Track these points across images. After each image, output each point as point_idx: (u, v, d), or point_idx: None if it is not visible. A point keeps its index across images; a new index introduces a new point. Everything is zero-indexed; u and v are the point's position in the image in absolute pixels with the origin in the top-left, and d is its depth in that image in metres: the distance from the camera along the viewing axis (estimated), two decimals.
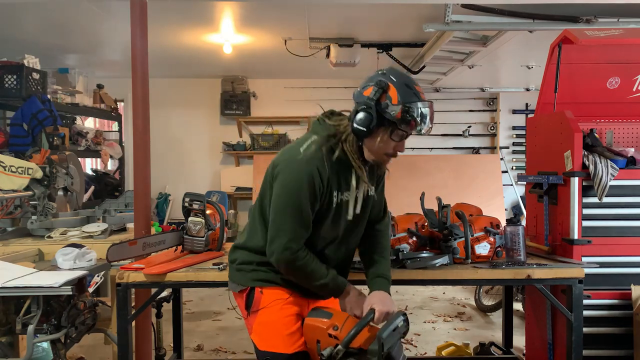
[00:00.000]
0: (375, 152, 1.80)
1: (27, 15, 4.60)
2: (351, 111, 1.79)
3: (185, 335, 3.57)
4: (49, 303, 2.37)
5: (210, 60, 6.48)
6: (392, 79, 1.73)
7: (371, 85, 1.75)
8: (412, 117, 1.71)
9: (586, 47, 2.94)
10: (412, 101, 1.71)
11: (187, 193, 2.67)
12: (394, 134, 1.76)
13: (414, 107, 1.71)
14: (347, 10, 4.49)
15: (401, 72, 1.79)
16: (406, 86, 1.73)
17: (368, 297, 1.83)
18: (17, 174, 3.21)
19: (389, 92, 1.72)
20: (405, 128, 1.73)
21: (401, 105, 1.70)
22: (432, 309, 5.12)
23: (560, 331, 2.74)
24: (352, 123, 1.75)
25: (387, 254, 2.00)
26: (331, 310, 1.79)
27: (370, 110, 1.72)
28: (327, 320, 1.74)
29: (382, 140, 1.77)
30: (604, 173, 2.62)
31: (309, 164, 1.74)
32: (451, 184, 6.79)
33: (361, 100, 1.75)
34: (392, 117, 1.71)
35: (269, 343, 1.85)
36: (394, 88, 1.72)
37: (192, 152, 7.99)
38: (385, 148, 1.79)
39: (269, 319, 1.86)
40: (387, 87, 1.72)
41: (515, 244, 2.51)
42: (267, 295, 1.87)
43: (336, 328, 1.71)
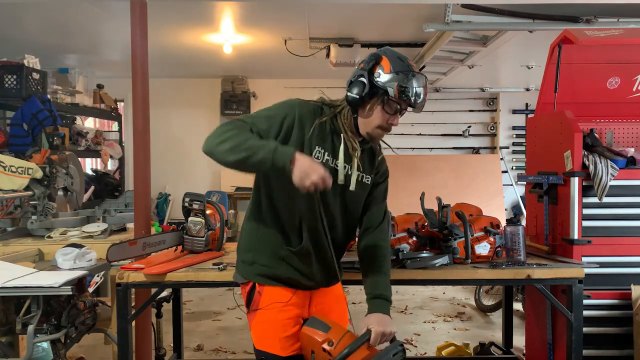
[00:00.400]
0: (368, 123, 1.79)
1: (27, 15, 4.60)
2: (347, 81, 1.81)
3: (185, 335, 3.57)
4: (49, 303, 2.37)
5: (210, 60, 6.48)
6: (386, 52, 1.77)
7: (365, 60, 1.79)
8: (404, 87, 1.71)
9: (586, 47, 2.94)
10: (403, 70, 1.72)
11: (187, 193, 2.67)
12: (387, 105, 1.75)
13: (406, 76, 1.71)
14: (347, 10, 4.50)
15: (395, 50, 1.81)
16: (399, 59, 1.75)
17: (366, 318, 1.77)
18: (17, 174, 3.21)
19: (382, 62, 1.74)
20: (398, 98, 1.73)
21: (393, 74, 1.72)
22: (432, 309, 5.12)
23: (560, 331, 2.74)
24: (347, 94, 1.77)
25: (387, 268, 1.91)
26: (330, 323, 1.76)
27: (363, 78, 1.74)
28: (324, 334, 1.72)
29: (375, 111, 1.77)
30: (604, 173, 2.62)
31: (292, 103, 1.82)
32: (451, 184, 6.80)
33: (355, 73, 1.78)
34: (384, 85, 1.72)
35: (265, 343, 1.84)
36: (387, 59, 1.75)
37: (192, 152, 7.98)
38: (378, 119, 1.78)
39: (267, 319, 1.85)
40: (380, 58, 1.76)
41: (515, 244, 2.51)
42: (267, 296, 1.86)
43: (331, 344, 1.68)
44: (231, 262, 2.40)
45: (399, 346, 1.68)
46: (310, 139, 1.77)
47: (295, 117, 1.78)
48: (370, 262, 1.91)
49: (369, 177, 1.89)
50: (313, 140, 1.78)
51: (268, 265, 1.86)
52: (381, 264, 1.91)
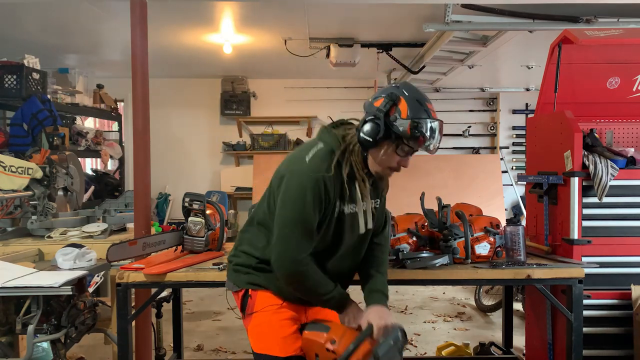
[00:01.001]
0: (378, 164, 1.78)
1: (27, 15, 4.60)
2: (360, 120, 1.77)
3: (185, 335, 3.57)
4: (49, 303, 2.37)
5: (210, 60, 6.48)
6: (404, 93, 1.71)
7: (383, 97, 1.73)
8: (420, 134, 1.68)
9: (586, 47, 2.94)
10: (421, 117, 1.69)
11: (187, 193, 2.67)
12: (400, 149, 1.73)
13: (423, 124, 1.68)
14: (347, 10, 4.49)
15: (415, 88, 1.76)
16: (417, 102, 1.71)
17: (365, 312, 1.80)
18: (17, 174, 3.21)
19: (399, 106, 1.70)
20: (412, 144, 1.71)
21: (410, 120, 1.68)
22: (432, 309, 5.12)
23: (560, 331, 2.74)
24: (359, 132, 1.73)
25: (385, 269, 1.96)
26: (328, 324, 1.78)
27: (379, 121, 1.70)
28: (325, 334, 1.73)
29: (387, 153, 1.75)
30: (604, 173, 2.62)
31: (314, 174, 1.72)
32: (451, 184, 6.79)
33: (371, 111, 1.73)
34: (400, 131, 1.69)
35: (264, 345, 1.84)
36: (405, 102, 1.70)
37: (192, 152, 7.99)
38: (389, 161, 1.77)
39: (264, 321, 1.85)
40: (398, 100, 1.70)
41: (515, 244, 2.51)
42: (260, 299, 1.86)
43: (334, 342, 1.70)
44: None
45: (399, 329, 1.69)
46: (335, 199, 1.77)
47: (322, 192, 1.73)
48: (368, 263, 1.95)
49: (377, 200, 1.93)
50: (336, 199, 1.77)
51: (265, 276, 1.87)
52: (379, 265, 1.95)
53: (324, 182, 1.72)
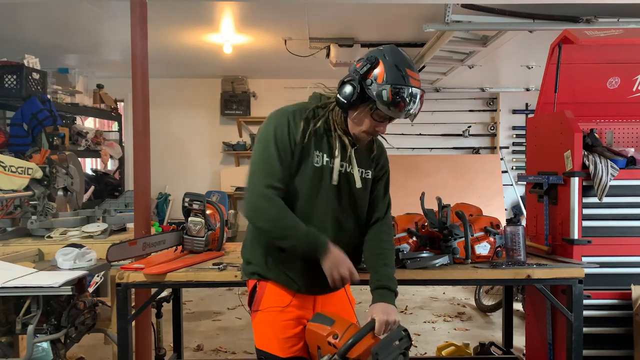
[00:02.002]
0: (355, 126, 1.77)
1: (27, 15, 4.60)
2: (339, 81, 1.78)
3: (185, 335, 3.57)
4: (49, 303, 2.37)
5: (210, 60, 6.48)
6: (385, 57, 1.68)
7: (364, 59, 1.72)
8: (395, 101, 1.65)
9: (586, 47, 2.94)
10: (397, 84, 1.65)
11: (187, 193, 2.66)
12: (375, 113, 1.71)
13: (398, 91, 1.65)
14: (347, 10, 4.50)
15: (398, 52, 1.72)
16: (396, 67, 1.67)
17: (370, 308, 1.76)
18: (17, 174, 3.21)
19: (377, 69, 1.67)
20: (385, 110, 1.68)
21: (385, 84, 1.65)
22: (432, 309, 5.12)
23: (560, 331, 2.74)
24: (338, 94, 1.74)
25: (391, 261, 1.89)
26: (334, 317, 1.75)
27: (354, 83, 1.69)
28: (328, 328, 1.71)
29: (362, 116, 1.74)
30: (604, 173, 2.62)
31: (282, 115, 1.78)
32: (451, 184, 6.80)
33: (350, 72, 1.73)
34: (374, 95, 1.67)
35: (265, 343, 1.84)
36: (383, 66, 1.67)
37: (192, 152, 7.99)
38: (365, 125, 1.75)
39: (268, 319, 1.85)
40: (376, 63, 1.68)
41: (515, 244, 2.51)
42: (267, 297, 1.85)
43: (336, 336, 1.68)
44: (231, 262, 2.40)
45: (403, 332, 1.68)
46: (307, 145, 1.77)
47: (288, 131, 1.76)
48: (374, 255, 1.89)
49: (369, 172, 1.89)
50: (311, 145, 1.78)
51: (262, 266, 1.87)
52: (385, 256, 1.89)
53: (288, 120, 1.76)
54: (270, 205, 1.73)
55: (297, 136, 1.76)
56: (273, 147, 1.74)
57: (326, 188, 1.80)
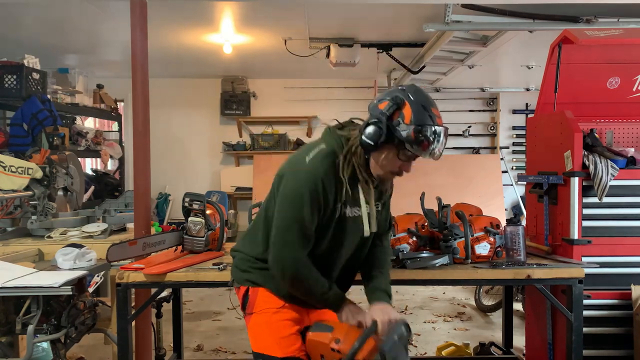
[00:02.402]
0: (380, 167, 1.75)
1: (27, 15, 4.60)
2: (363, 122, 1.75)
3: (185, 335, 3.57)
4: (49, 303, 2.37)
5: (210, 60, 6.48)
6: (410, 97, 1.68)
7: (387, 100, 1.69)
8: (423, 140, 1.65)
9: (586, 47, 2.94)
10: (425, 124, 1.65)
11: (187, 193, 2.67)
12: (402, 154, 1.71)
13: (426, 131, 1.65)
14: (347, 10, 4.49)
15: (421, 92, 1.72)
16: (422, 107, 1.67)
17: (369, 310, 1.79)
18: (17, 174, 3.21)
19: (403, 110, 1.66)
20: (414, 149, 1.68)
21: (413, 126, 1.65)
22: (432, 309, 5.12)
23: (560, 331, 2.74)
24: (361, 135, 1.71)
25: (387, 270, 1.94)
26: (332, 324, 1.77)
27: (381, 124, 1.67)
28: (329, 334, 1.71)
29: (389, 158, 1.72)
30: (604, 173, 2.62)
31: (313, 175, 1.71)
32: (451, 184, 6.79)
33: (374, 113, 1.70)
34: (402, 136, 1.66)
35: (262, 345, 1.84)
36: (409, 107, 1.66)
37: (192, 152, 7.99)
38: (391, 166, 1.74)
39: (264, 320, 1.85)
40: (402, 104, 1.67)
41: (515, 244, 2.51)
42: (261, 300, 1.86)
43: (338, 341, 1.68)
44: (231, 262, 2.39)
45: (403, 324, 1.68)
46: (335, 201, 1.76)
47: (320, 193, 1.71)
48: (371, 265, 1.94)
49: (378, 204, 1.90)
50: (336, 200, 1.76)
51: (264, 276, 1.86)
52: (382, 266, 1.94)
53: (322, 182, 1.71)
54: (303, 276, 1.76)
55: (330, 198, 1.74)
56: (308, 211, 1.71)
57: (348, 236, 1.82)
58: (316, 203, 1.71)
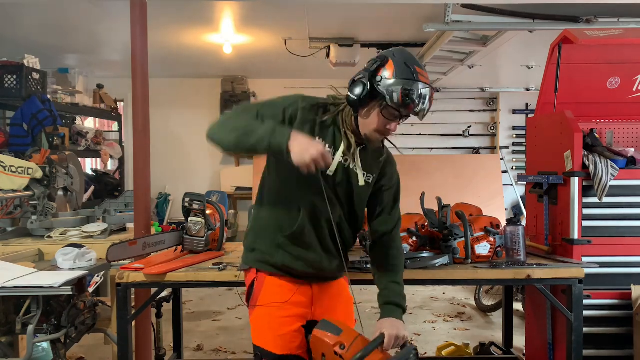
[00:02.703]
0: (366, 125, 1.76)
1: (27, 15, 4.60)
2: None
3: (185, 335, 3.57)
4: (49, 303, 2.37)
5: (210, 60, 6.48)
6: (394, 55, 1.70)
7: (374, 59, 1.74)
8: (404, 97, 1.65)
9: (586, 47, 2.94)
10: (406, 78, 1.66)
11: (187, 193, 2.66)
12: (385, 111, 1.70)
13: (408, 86, 1.65)
14: (347, 10, 4.50)
15: (407, 53, 1.73)
16: (405, 64, 1.68)
17: (378, 323, 1.78)
18: (17, 174, 3.21)
19: (386, 66, 1.69)
20: (395, 105, 1.67)
21: (395, 79, 1.66)
22: (432, 309, 5.12)
23: (560, 331, 2.74)
24: (347, 93, 1.75)
25: (400, 278, 1.91)
26: (341, 327, 1.74)
27: (364, 79, 1.70)
28: (336, 337, 1.69)
29: (373, 115, 1.73)
30: (604, 173, 2.62)
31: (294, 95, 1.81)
32: (451, 184, 6.79)
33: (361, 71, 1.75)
34: (384, 91, 1.67)
35: (262, 339, 1.85)
36: (392, 63, 1.68)
37: (192, 152, 7.99)
38: (376, 123, 1.74)
39: (265, 314, 1.85)
40: (386, 61, 1.69)
41: (515, 244, 2.51)
42: (266, 291, 1.85)
43: (343, 347, 1.66)
44: (231, 262, 2.40)
45: (413, 350, 1.66)
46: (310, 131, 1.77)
47: (298, 109, 1.77)
48: (384, 271, 1.92)
49: (370, 176, 1.87)
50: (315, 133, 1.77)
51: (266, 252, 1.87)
52: (395, 274, 1.91)
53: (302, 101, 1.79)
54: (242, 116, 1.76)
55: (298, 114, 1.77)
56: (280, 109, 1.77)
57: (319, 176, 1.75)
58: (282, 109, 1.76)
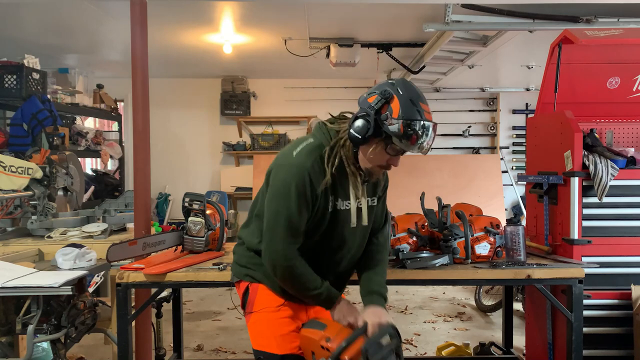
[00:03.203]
0: (368, 161, 1.76)
1: (27, 15, 4.60)
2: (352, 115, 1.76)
3: (185, 335, 3.57)
4: (49, 303, 2.37)
5: (210, 60, 6.48)
6: (399, 92, 1.68)
7: (376, 93, 1.69)
8: (410, 135, 1.65)
9: (586, 47, 2.94)
10: (413, 119, 1.65)
11: (187, 193, 2.67)
12: (389, 148, 1.71)
13: (414, 125, 1.65)
14: (347, 10, 4.49)
15: (411, 86, 1.72)
16: (411, 102, 1.67)
17: (362, 312, 1.79)
18: (17, 174, 3.21)
19: (392, 104, 1.67)
20: (402, 144, 1.68)
21: (401, 120, 1.65)
22: (432, 309, 5.12)
23: (560, 331, 2.74)
24: (350, 128, 1.72)
25: (383, 270, 1.94)
26: (326, 322, 1.78)
27: (369, 118, 1.67)
28: (321, 332, 1.73)
29: (376, 151, 1.73)
30: (604, 173, 2.62)
31: (299, 168, 1.72)
32: (451, 184, 6.79)
33: (363, 107, 1.71)
34: (389, 130, 1.66)
35: (262, 342, 1.85)
36: (398, 101, 1.66)
37: (192, 152, 7.99)
38: (379, 159, 1.75)
39: (263, 318, 1.86)
40: (390, 98, 1.67)
41: (515, 244, 2.51)
42: (260, 299, 1.87)
43: (328, 340, 1.69)
44: (231, 262, 2.40)
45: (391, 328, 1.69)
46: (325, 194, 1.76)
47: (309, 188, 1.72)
48: (366, 264, 1.94)
49: (375, 199, 1.91)
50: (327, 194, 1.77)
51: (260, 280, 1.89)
52: (376, 264, 1.93)
53: (309, 175, 1.71)
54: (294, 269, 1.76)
55: (318, 191, 1.74)
56: (295, 205, 1.71)
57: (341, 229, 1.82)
58: (303, 197, 1.71)
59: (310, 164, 1.73)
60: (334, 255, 1.87)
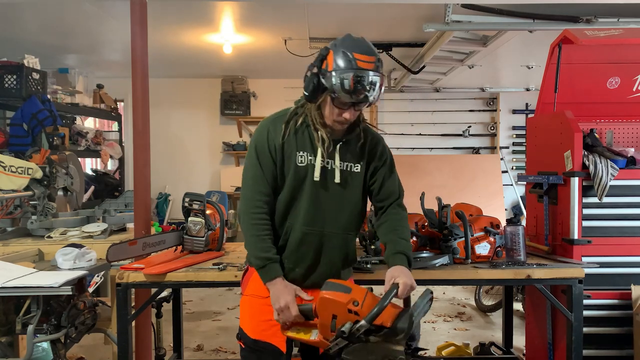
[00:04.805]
0: (326, 117, 1.79)
1: (27, 15, 4.60)
2: None
3: (185, 335, 3.57)
4: (49, 303, 2.37)
5: (210, 60, 6.48)
6: (335, 45, 1.71)
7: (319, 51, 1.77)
8: (344, 85, 1.66)
9: (586, 47, 2.94)
10: (345, 67, 1.66)
11: (187, 193, 2.67)
12: (336, 101, 1.73)
13: (347, 75, 1.65)
14: (347, 10, 4.49)
15: (349, 38, 1.72)
16: (343, 53, 1.68)
17: (389, 271, 1.77)
18: (17, 174, 3.21)
19: (327, 58, 1.71)
20: (340, 95, 1.68)
21: (335, 70, 1.67)
22: (432, 309, 5.12)
23: (560, 331, 2.74)
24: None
25: (407, 235, 1.90)
26: (349, 285, 1.71)
27: (309, 74, 1.74)
28: (347, 295, 1.65)
29: (327, 106, 1.76)
30: (604, 173, 2.62)
31: (262, 127, 1.85)
32: (451, 184, 6.80)
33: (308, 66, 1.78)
34: (327, 82, 1.69)
35: (244, 322, 1.91)
36: (332, 55, 1.70)
37: (192, 152, 7.99)
38: (333, 114, 1.76)
39: (251, 302, 1.90)
40: (326, 52, 1.72)
41: (515, 244, 2.51)
42: (252, 283, 1.90)
43: (356, 303, 1.63)
44: (231, 262, 2.40)
45: (430, 293, 1.68)
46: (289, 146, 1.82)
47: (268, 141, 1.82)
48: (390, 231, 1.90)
49: (357, 165, 1.89)
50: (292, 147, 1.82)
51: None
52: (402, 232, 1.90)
53: (267, 131, 1.83)
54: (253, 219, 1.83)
55: (277, 142, 1.81)
56: (256, 162, 1.83)
57: (310, 185, 1.83)
58: (264, 154, 1.82)
59: (271, 121, 1.86)
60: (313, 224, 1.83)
